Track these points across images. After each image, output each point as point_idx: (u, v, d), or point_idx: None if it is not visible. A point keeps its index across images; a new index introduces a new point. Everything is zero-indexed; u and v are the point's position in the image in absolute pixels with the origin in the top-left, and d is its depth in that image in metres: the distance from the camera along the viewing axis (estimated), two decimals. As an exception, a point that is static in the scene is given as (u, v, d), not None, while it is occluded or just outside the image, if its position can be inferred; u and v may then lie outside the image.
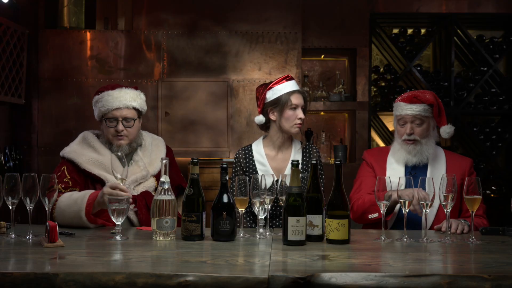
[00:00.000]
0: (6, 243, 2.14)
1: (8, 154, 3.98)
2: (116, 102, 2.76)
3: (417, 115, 2.73)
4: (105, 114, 2.76)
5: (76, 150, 2.77)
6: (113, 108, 2.75)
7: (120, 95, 2.78)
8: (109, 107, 2.75)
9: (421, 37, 4.91)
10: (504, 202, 4.48)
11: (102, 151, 2.77)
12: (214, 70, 4.36)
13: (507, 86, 4.78)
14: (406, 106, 2.75)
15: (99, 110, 2.78)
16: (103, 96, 2.77)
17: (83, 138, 2.85)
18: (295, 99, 2.88)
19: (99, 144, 2.80)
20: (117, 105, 2.75)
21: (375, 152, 2.95)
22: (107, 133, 2.77)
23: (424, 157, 2.76)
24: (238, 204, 2.28)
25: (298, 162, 2.22)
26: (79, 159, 2.72)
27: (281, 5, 4.37)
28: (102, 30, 4.38)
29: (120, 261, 1.87)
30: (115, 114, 2.75)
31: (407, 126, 2.76)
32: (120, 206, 2.20)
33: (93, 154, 2.75)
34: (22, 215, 3.07)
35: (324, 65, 5.06)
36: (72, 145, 2.83)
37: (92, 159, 2.73)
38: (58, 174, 2.70)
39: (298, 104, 2.89)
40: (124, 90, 2.80)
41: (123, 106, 2.76)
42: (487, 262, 1.91)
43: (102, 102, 2.76)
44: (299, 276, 1.66)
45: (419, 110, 2.73)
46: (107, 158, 2.71)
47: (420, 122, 2.75)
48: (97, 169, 2.69)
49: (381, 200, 2.28)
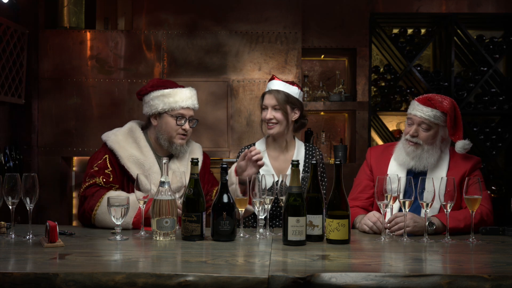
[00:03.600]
0: (6, 243, 2.14)
1: (8, 154, 3.98)
2: (188, 101, 2.75)
3: (426, 119, 2.61)
4: (172, 110, 2.72)
5: (120, 141, 2.70)
6: (185, 106, 2.73)
7: (191, 95, 2.78)
8: (182, 104, 2.72)
9: (421, 37, 4.91)
10: (504, 202, 4.48)
11: (145, 151, 2.71)
12: (214, 70, 4.36)
13: (507, 86, 4.78)
14: (418, 107, 2.65)
15: (167, 104, 2.71)
16: (175, 92, 2.74)
17: (129, 130, 2.77)
18: (265, 100, 2.96)
19: (144, 142, 2.74)
20: (188, 104, 2.74)
21: (379, 151, 2.85)
22: (171, 129, 2.72)
23: (422, 164, 2.64)
24: (238, 204, 2.28)
25: (298, 162, 2.22)
26: (120, 152, 2.66)
27: (281, 5, 4.37)
28: (102, 30, 4.38)
29: (120, 261, 1.87)
30: (184, 112, 2.74)
31: (413, 127, 2.66)
32: (120, 206, 2.20)
33: (136, 151, 2.69)
34: (22, 215, 3.07)
35: (324, 65, 5.06)
36: (117, 133, 2.74)
37: (133, 157, 2.67)
38: (99, 162, 2.65)
39: (267, 105, 2.94)
40: (191, 90, 2.82)
41: (192, 106, 2.78)
42: (487, 262, 1.91)
43: (174, 98, 2.72)
44: (299, 276, 1.66)
45: (429, 115, 2.61)
46: (148, 161, 2.67)
47: (427, 127, 2.63)
48: (136, 169, 2.62)
49: (381, 200, 2.29)
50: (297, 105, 2.95)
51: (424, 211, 2.29)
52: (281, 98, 2.90)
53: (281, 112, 2.91)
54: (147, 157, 2.68)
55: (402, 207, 2.29)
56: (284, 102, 2.90)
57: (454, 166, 2.68)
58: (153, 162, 2.68)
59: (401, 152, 2.70)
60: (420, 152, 2.64)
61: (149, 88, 2.77)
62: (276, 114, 2.90)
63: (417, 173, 2.65)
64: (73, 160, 4.56)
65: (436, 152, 2.65)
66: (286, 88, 2.94)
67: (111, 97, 4.31)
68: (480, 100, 4.79)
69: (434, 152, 2.65)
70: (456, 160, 2.70)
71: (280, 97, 2.90)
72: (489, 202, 2.59)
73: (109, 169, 2.63)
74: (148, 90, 2.77)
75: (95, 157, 2.70)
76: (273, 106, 2.91)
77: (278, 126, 2.90)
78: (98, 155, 2.70)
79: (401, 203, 2.29)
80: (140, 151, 2.69)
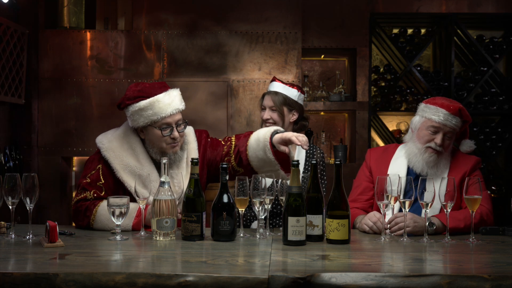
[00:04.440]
0: (6, 243, 2.14)
1: (8, 154, 3.98)
2: (169, 109, 2.50)
3: (455, 129, 2.62)
4: (155, 122, 2.50)
5: (115, 149, 2.53)
6: (167, 115, 2.50)
7: (171, 100, 2.53)
8: (163, 114, 2.49)
9: (421, 37, 4.91)
10: (504, 202, 4.47)
11: (142, 158, 2.54)
12: (214, 70, 4.36)
13: (507, 86, 4.78)
14: (448, 116, 2.61)
15: (147, 118, 2.50)
16: (152, 103, 2.49)
17: (125, 133, 2.59)
18: (264, 100, 3.13)
19: (141, 148, 2.56)
20: (170, 112, 2.50)
21: (379, 152, 2.84)
22: (160, 141, 2.52)
23: (438, 170, 2.62)
24: (238, 204, 2.28)
25: (298, 162, 2.22)
26: (115, 163, 2.50)
27: (281, 5, 4.37)
28: (102, 30, 4.38)
29: (120, 261, 1.87)
30: (168, 121, 2.51)
31: (438, 136, 2.61)
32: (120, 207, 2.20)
33: (131, 159, 2.53)
34: (22, 215, 3.07)
35: (324, 65, 5.06)
36: (112, 138, 2.57)
37: (129, 167, 2.51)
38: (92, 173, 2.52)
39: (265, 106, 3.12)
40: (170, 92, 2.56)
41: (176, 111, 2.53)
42: (487, 262, 1.91)
43: (152, 110, 2.48)
44: (299, 276, 1.66)
45: (457, 124, 2.62)
46: (145, 169, 2.50)
47: (451, 135, 2.64)
48: (132, 181, 2.45)
49: (381, 200, 2.29)
50: (295, 107, 3.06)
51: (424, 211, 2.29)
52: (278, 100, 3.06)
53: (277, 113, 3.06)
54: (143, 166, 2.52)
55: (402, 207, 2.29)
56: (280, 104, 3.07)
57: (455, 166, 2.68)
58: (150, 169, 2.52)
59: (418, 159, 2.65)
60: (439, 160, 2.64)
61: (126, 101, 2.54)
62: (272, 114, 3.08)
63: (418, 174, 2.65)
64: (73, 160, 4.56)
65: (447, 157, 2.68)
66: (285, 90, 3.09)
67: (111, 97, 4.31)
68: (480, 100, 4.79)
69: (447, 156, 2.68)
70: (457, 160, 2.70)
71: (277, 99, 3.06)
72: (489, 202, 2.59)
73: (101, 182, 2.50)
74: (126, 104, 2.55)
75: (89, 166, 2.57)
76: (270, 107, 3.08)
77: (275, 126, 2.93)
78: (92, 164, 2.57)
79: (401, 203, 2.29)
80: (136, 158, 2.54)
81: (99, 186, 2.50)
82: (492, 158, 4.71)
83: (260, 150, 2.54)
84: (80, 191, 2.53)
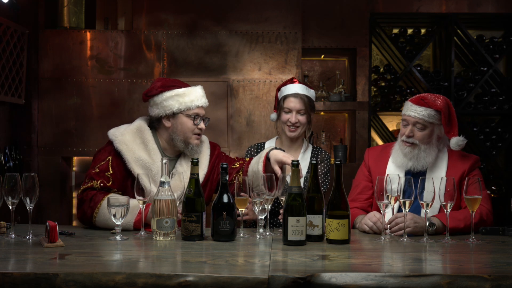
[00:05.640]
0: (6, 243, 2.14)
1: (8, 154, 3.98)
2: (202, 100, 2.68)
3: (420, 119, 2.60)
4: (189, 109, 2.62)
5: (128, 142, 2.58)
6: (199, 105, 2.65)
7: (203, 94, 2.70)
8: (197, 103, 2.64)
9: (421, 37, 4.91)
10: (504, 202, 4.48)
11: (153, 154, 2.59)
12: (214, 70, 4.36)
13: (507, 86, 4.78)
14: (411, 107, 2.63)
15: (182, 104, 2.61)
16: (189, 91, 2.64)
17: (138, 129, 2.64)
18: (289, 103, 2.96)
19: (153, 144, 2.62)
20: (202, 103, 2.67)
21: (377, 152, 2.84)
22: (187, 130, 2.62)
23: (420, 164, 2.63)
24: (238, 204, 2.28)
25: (298, 162, 2.22)
26: (128, 155, 2.55)
27: (281, 5, 4.37)
28: (102, 30, 4.38)
29: (120, 261, 1.87)
30: (199, 111, 2.66)
31: (408, 128, 2.64)
32: (120, 207, 2.20)
33: (143, 154, 2.58)
34: (22, 215, 3.07)
35: (324, 65, 5.06)
36: (125, 132, 2.61)
37: (140, 160, 2.55)
38: (101, 164, 2.55)
39: (291, 108, 2.96)
40: (201, 89, 2.73)
41: (205, 105, 2.70)
42: (487, 262, 1.91)
43: (189, 97, 2.62)
44: (299, 276, 1.66)
45: (423, 114, 2.60)
46: (156, 165, 2.56)
47: (422, 127, 2.62)
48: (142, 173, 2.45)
49: (381, 200, 2.29)
50: (314, 107, 3.04)
51: (424, 211, 2.29)
52: (307, 103, 2.96)
53: (306, 116, 2.97)
54: (154, 161, 2.57)
55: (402, 207, 2.29)
56: (309, 107, 2.97)
57: (453, 165, 2.67)
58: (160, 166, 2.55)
59: (398, 154, 2.69)
60: (417, 152, 2.63)
61: (160, 89, 2.63)
62: (301, 118, 2.96)
63: (416, 173, 2.64)
64: (73, 160, 4.56)
65: (433, 151, 2.65)
66: (307, 92, 2.99)
67: (111, 97, 4.31)
68: (480, 100, 4.79)
69: (431, 151, 2.64)
70: (455, 159, 2.70)
71: (306, 102, 2.95)
72: (489, 202, 2.59)
73: (109, 172, 2.54)
74: (159, 91, 2.63)
75: (98, 157, 2.60)
76: (299, 110, 2.95)
77: (300, 129, 2.98)
78: (102, 155, 2.60)
79: (401, 203, 2.29)
80: (148, 153, 2.58)
81: (107, 176, 2.53)
82: (492, 158, 4.71)
83: (255, 164, 2.64)
84: (87, 181, 2.55)
